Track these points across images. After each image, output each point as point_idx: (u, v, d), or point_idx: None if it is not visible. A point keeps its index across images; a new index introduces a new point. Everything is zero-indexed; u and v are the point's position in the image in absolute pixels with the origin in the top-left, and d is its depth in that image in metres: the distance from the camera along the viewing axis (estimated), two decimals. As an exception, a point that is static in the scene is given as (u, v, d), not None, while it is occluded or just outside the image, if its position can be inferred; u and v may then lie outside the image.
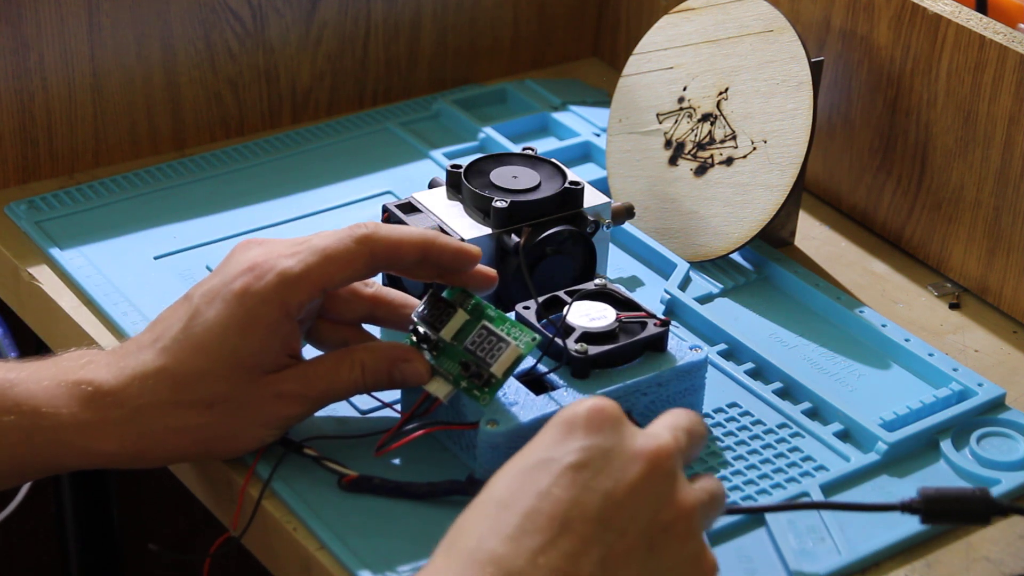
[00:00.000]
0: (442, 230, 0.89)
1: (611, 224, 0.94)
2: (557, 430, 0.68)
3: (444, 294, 0.82)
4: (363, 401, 0.86)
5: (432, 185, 0.95)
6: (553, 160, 0.94)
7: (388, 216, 0.91)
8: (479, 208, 0.91)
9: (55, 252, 0.98)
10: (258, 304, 0.78)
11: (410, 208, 0.91)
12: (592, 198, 0.93)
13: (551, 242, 0.90)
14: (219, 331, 0.78)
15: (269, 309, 0.78)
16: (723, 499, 0.72)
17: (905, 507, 0.76)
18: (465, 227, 0.90)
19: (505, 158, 0.94)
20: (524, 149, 0.95)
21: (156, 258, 0.99)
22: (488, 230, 0.90)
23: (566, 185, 0.91)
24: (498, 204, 0.89)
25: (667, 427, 0.71)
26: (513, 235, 0.89)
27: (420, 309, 0.82)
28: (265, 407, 0.79)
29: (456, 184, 0.92)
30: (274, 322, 0.78)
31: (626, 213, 0.97)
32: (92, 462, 0.80)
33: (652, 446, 0.68)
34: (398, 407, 0.85)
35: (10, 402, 0.78)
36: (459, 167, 0.92)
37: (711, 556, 0.69)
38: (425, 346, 0.80)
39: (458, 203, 0.92)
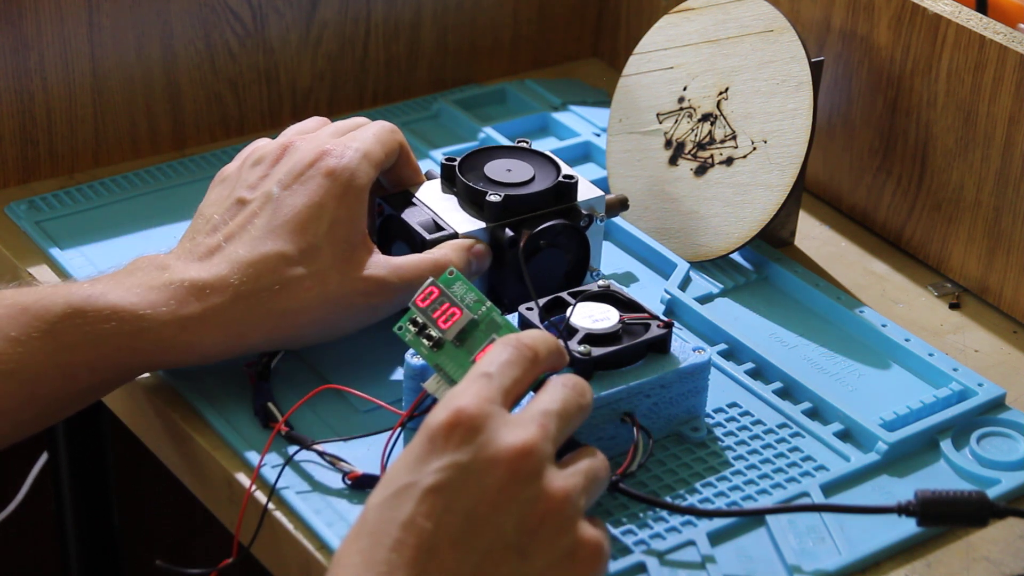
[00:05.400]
0: (436, 224, 0.89)
1: (605, 217, 0.94)
2: (421, 446, 0.68)
3: (439, 282, 0.81)
4: (363, 401, 0.86)
5: (427, 178, 0.94)
6: (547, 153, 0.94)
7: (381, 210, 0.91)
8: (473, 202, 0.90)
9: (55, 252, 0.98)
10: (349, 176, 0.85)
11: (404, 201, 0.91)
12: (586, 191, 0.93)
13: (545, 236, 0.90)
14: (314, 207, 0.83)
15: (359, 180, 0.85)
16: (603, 474, 0.72)
17: (901, 510, 0.77)
18: (459, 221, 0.90)
19: (499, 151, 0.93)
20: (518, 141, 0.95)
21: (156, 258, 0.99)
22: (482, 224, 0.89)
23: (560, 179, 0.91)
24: (492, 198, 0.89)
25: (537, 415, 0.71)
26: (507, 229, 0.89)
27: (419, 296, 0.81)
28: (356, 294, 0.83)
29: (450, 177, 0.92)
30: (362, 190, 0.85)
31: (619, 206, 0.97)
32: (190, 358, 0.81)
33: (514, 447, 0.68)
34: (395, 406, 0.85)
35: (107, 309, 0.79)
36: (453, 160, 0.92)
37: (592, 540, 0.69)
38: (426, 341, 0.80)
39: (452, 196, 0.92)
